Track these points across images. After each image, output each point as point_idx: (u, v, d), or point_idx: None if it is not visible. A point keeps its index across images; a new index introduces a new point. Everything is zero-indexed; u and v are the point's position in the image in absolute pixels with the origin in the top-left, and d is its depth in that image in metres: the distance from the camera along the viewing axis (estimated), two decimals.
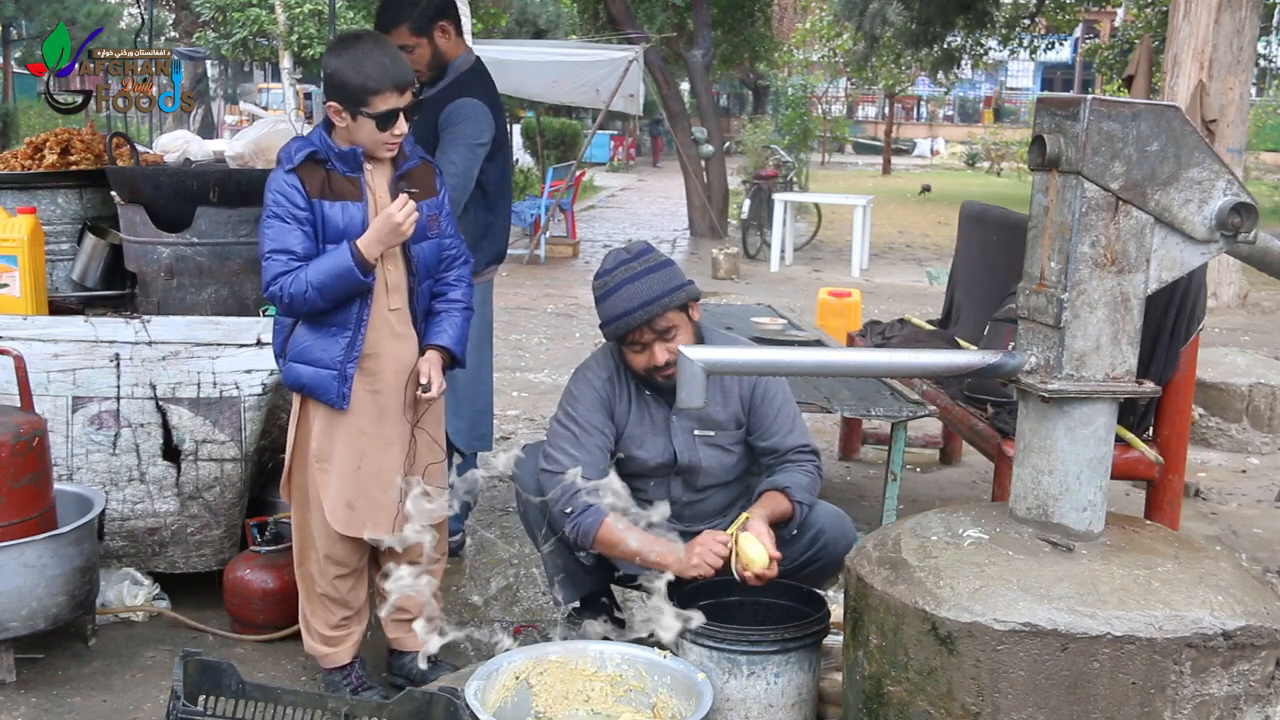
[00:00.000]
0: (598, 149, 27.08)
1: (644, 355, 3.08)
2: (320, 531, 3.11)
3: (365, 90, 2.89)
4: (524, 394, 6.97)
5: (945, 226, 16.79)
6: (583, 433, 3.12)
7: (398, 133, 2.96)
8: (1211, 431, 6.13)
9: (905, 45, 19.03)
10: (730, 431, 3.21)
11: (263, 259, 2.94)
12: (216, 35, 24.20)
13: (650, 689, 2.81)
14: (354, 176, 2.98)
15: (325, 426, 3.06)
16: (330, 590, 3.15)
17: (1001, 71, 42.53)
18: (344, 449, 3.06)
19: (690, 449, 3.18)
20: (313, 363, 3.01)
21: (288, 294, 2.90)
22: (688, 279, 3.11)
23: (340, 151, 2.97)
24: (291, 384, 3.06)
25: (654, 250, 3.16)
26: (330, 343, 3.00)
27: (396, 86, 2.91)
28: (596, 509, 3.02)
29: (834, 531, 3.18)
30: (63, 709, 3.18)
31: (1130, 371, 2.39)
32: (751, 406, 3.21)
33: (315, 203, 2.93)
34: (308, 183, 2.93)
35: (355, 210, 2.97)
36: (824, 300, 7.62)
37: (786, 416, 3.22)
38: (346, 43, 2.97)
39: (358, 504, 3.07)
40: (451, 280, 3.19)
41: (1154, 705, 2.19)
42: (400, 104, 2.93)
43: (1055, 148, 2.33)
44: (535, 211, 13.86)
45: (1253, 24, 10.26)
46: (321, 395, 3.02)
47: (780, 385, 3.25)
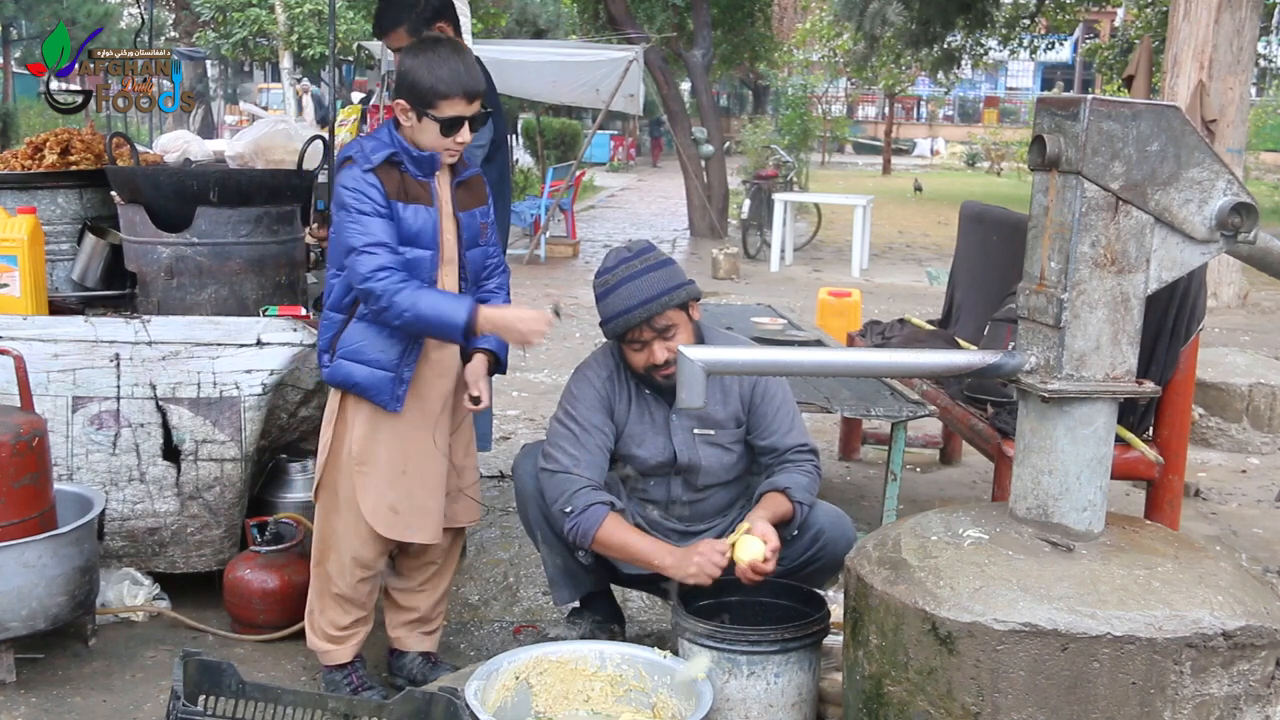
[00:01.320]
0: (598, 149, 27.06)
1: (643, 353, 3.08)
2: (351, 533, 3.09)
3: (435, 93, 2.88)
4: (524, 394, 6.97)
5: (945, 226, 16.79)
6: (582, 432, 3.12)
7: (461, 140, 2.95)
8: (1211, 431, 6.13)
9: (905, 45, 19.04)
10: (730, 430, 3.21)
11: (353, 254, 2.87)
12: (216, 35, 24.21)
13: (650, 689, 2.81)
14: (425, 181, 2.98)
15: (369, 429, 3.04)
16: (350, 592, 3.15)
17: (1001, 71, 42.51)
18: (389, 452, 3.04)
19: (690, 448, 3.18)
20: (368, 363, 2.98)
21: (390, 299, 2.84)
22: (688, 278, 3.12)
23: (417, 155, 2.95)
24: (341, 382, 3.02)
25: (655, 249, 3.16)
26: (389, 344, 2.97)
27: (466, 95, 2.90)
28: (597, 509, 3.02)
29: (834, 531, 3.18)
30: (63, 709, 3.18)
31: (1130, 371, 2.39)
32: (751, 405, 3.21)
33: (392, 204, 2.92)
34: (386, 183, 2.92)
35: (426, 214, 2.96)
36: (824, 300, 7.62)
37: (786, 415, 3.22)
38: (426, 45, 2.98)
39: (401, 507, 3.06)
40: (494, 288, 3.20)
41: (1154, 705, 2.19)
42: (468, 112, 2.92)
43: (1055, 148, 2.33)
44: (535, 211, 13.86)
45: (1253, 24, 10.26)
46: (374, 396, 2.99)
47: (780, 384, 3.25)
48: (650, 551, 3.01)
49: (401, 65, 2.98)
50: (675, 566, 2.95)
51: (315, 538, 3.20)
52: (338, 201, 2.93)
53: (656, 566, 2.99)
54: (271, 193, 3.78)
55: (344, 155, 2.99)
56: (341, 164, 2.98)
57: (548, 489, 3.10)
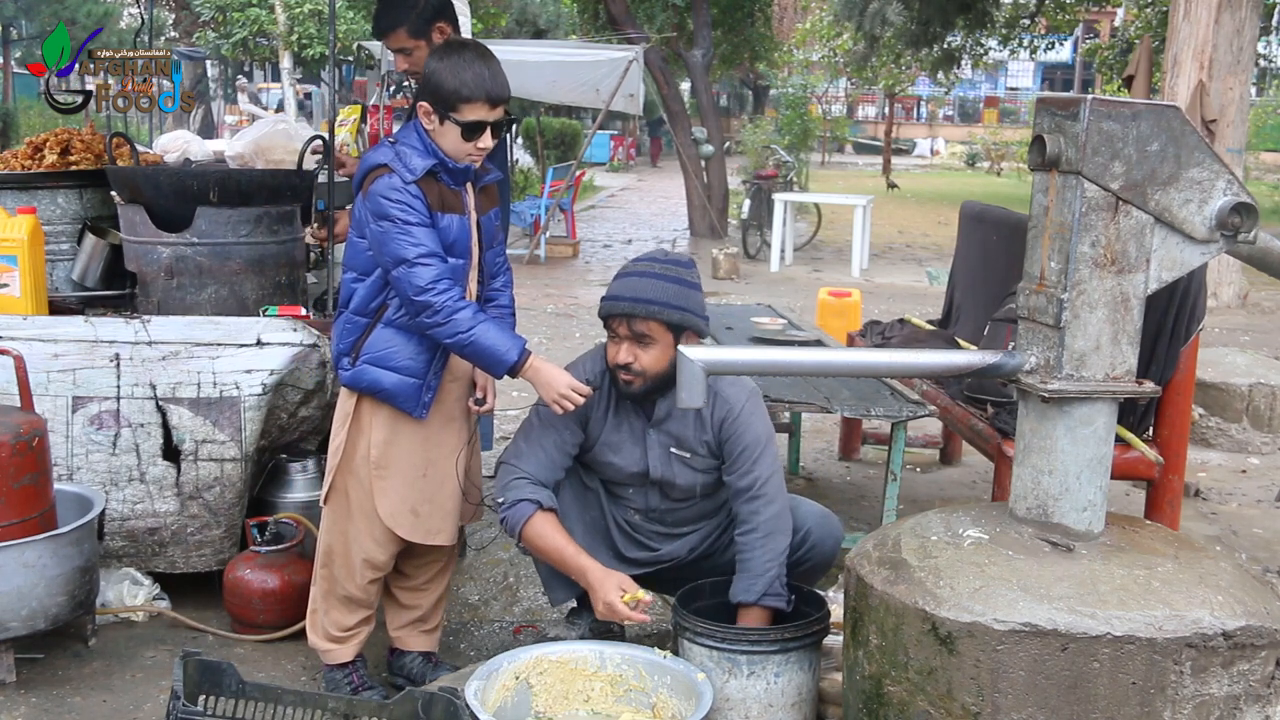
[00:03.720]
0: (598, 149, 27.05)
1: (614, 347, 3.05)
2: (365, 537, 3.09)
3: (458, 96, 2.87)
4: (524, 394, 6.96)
5: (945, 226, 16.79)
6: (544, 428, 3.11)
7: (482, 145, 2.94)
8: (1211, 431, 6.13)
9: (905, 45, 19.02)
10: (704, 457, 3.14)
11: (404, 265, 2.83)
12: (216, 35, 24.20)
13: (650, 689, 2.81)
14: (457, 190, 2.99)
15: (389, 434, 3.03)
16: (359, 594, 3.15)
17: (1001, 71, 42.50)
18: (410, 456, 3.05)
19: (664, 464, 3.14)
20: (397, 369, 2.97)
21: (449, 316, 2.83)
22: (698, 312, 3.03)
23: (453, 167, 2.95)
24: (367, 387, 3.00)
25: (691, 268, 3.11)
26: (418, 351, 2.97)
27: (489, 100, 2.90)
28: (526, 504, 3.02)
29: (821, 531, 3.18)
30: (63, 709, 3.18)
31: (1130, 371, 2.39)
32: (720, 441, 3.11)
33: (433, 215, 2.91)
34: (427, 194, 2.90)
35: (460, 224, 2.97)
36: (824, 300, 7.62)
37: (748, 459, 3.08)
38: (452, 48, 2.97)
39: (422, 510, 3.07)
40: (499, 286, 3.21)
41: (1154, 705, 2.19)
42: (490, 118, 2.91)
43: (1055, 148, 2.33)
44: (535, 211, 13.85)
45: (1253, 24, 10.26)
46: (401, 403, 2.99)
47: (752, 423, 3.10)
48: (574, 561, 3.00)
49: (426, 68, 2.96)
50: (594, 585, 2.95)
51: (321, 541, 3.19)
52: (379, 211, 2.87)
53: (578, 578, 3.00)
54: (271, 193, 3.78)
55: (378, 162, 2.93)
56: (375, 170, 2.92)
57: (496, 478, 3.11)
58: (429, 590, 3.30)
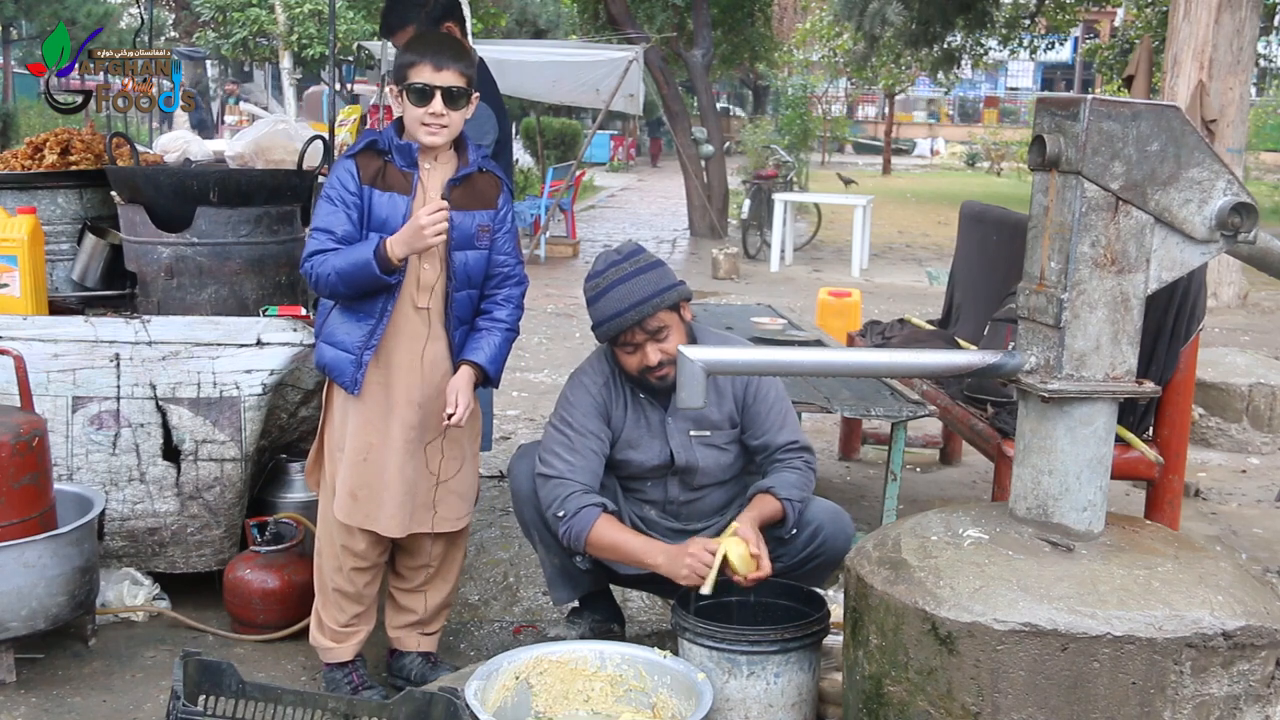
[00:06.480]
0: (598, 149, 27.05)
1: (636, 356, 3.09)
2: (336, 521, 3.13)
3: (405, 63, 2.97)
4: (523, 394, 6.97)
5: (945, 226, 16.79)
6: (577, 437, 3.12)
7: (434, 111, 2.95)
8: (1211, 431, 6.13)
9: (905, 45, 19.02)
10: (725, 431, 3.21)
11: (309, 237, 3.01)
12: (216, 35, 24.21)
13: (650, 689, 2.81)
14: (408, 171, 3.01)
15: (341, 415, 3.11)
16: (344, 584, 3.15)
17: (1001, 71, 42.49)
18: (353, 439, 3.08)
19: (687, 449, 3.19)
20: (336, 344, 3.05)
21: (315, 273, 2.96)
22: (678, 279, 3.12)
23: (399, 145, 3.01)
24: (317, 363, 3.13)
25: (644, 251, 3.17)
26: (354, 327, 3.03)
27: (434, 63, 2.94)
28: (588, 511, 3.03)
29: (832, 528, 3.18)
30: (63, 709, 3.18)
31: (1130, 371, 2.39)
32: (744, 405, 3.22)
33: (365, 189, 2.98)
34: (363, 169, 2.98)
35: (400, 203, 2.99)
36: (824, 300, 7.62)
37: (778, 414, 3.23)
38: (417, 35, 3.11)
39: (360, 494, 3.08)
40: (500, 299, 3.16)
41: (1154, 705, 2.19)
42: (435, 80, 2.93)
43: (1055, 148, 2.33)
44: (535, 211, 13.85)
45: (1253, 24, 10.26)
46: (337, 377, 3.06)
47: (773, 384, 3.26)
48: (643, 550, 3.02)
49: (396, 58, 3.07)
50: (667, 565, 2.96)
51: (318, 530, 3.24)
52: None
53: (650, 565, 3.00)
54: (271, 193, 3.78)
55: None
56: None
57: (542, 494, 3.11)
58: (424, 594, 3.27)
